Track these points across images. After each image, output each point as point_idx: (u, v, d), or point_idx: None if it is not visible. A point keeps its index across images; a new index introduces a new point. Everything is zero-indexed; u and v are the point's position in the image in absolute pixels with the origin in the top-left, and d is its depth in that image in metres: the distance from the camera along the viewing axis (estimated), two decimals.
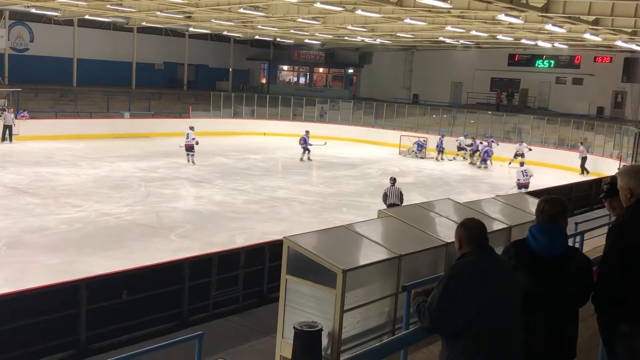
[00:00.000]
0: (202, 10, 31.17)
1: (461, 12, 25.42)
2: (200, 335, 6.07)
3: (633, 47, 33.32)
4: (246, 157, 29.61)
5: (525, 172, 23.30)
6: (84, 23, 40.71)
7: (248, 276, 11.36)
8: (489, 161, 31.31)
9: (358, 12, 26.13)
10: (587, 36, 27.81)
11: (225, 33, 44.53)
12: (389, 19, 29.01)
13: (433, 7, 23.98)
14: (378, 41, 43.70)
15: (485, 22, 27.60)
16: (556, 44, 37.58)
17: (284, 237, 8.18)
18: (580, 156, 30.48)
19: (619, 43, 30.36)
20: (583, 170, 30.14)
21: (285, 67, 56.18)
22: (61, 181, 21.50)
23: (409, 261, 8.44)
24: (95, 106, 37.20)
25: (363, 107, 42.27)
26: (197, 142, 26.64)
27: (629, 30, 25.64)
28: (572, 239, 8.84)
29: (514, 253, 3.83)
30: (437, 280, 3.53)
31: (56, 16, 37.28)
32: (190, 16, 34.63)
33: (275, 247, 10.38)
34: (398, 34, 36.46)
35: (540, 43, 36.38)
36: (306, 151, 30.07)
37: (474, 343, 3.34)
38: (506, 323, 3.41)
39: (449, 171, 29.30)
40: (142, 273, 10.29)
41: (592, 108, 43.14)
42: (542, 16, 22.78)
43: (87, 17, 36.75)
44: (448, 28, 30.24)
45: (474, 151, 32.17)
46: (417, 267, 8.60)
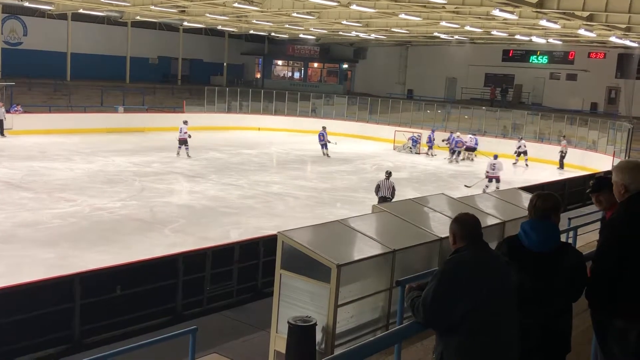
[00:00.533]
0: (197, 4, 31.10)
1: (456, 8, 25.44)
2: (194, 330, 6.07)
3: (627, 43, 33.38)
4: (240, 152, 29.55)
5: (494, 165, 22.86)
6: (78, 17, 40.55)
7: (242, 271, 11.36)
8: (462, 152, 31.15)
9: (353, 7, 26.10)
10: (581, 32, 27.86)
11: (219, 27, 44.41)
12: (384, 14, 28.98)
13: (428, 3, 24.01)
14: (373, 36, 43.70)
15: (479, 18, 27.61)
16: (550, 40, 37.65)
17: (279, 232, 8.19)
18: (560, 151, 30.48)
19: (613, 39, 30.41)
20: (561, 165, 30.16)
21: (279, 62, 56.12)
22: (55, 176, 21.41)
23: (403, 256, 8.46)
24: (89, 100, 37.03)
25: (357, 103, 42.21)
26: (190, 136, 26.90)
27: (623, 26, 25.69)
28: (566, 235, 8.88)
29: (507, 249, 3.84)
30: (431, 275, 3.53)
31: (50, 10, 37.17)
32: (184, 10, 34.51)
33: (269, 242, 10.40)
34: (393, 29, 36.46)
35: (534, 39, 36.41)
36: (325, 147, 30.25)
37: (468, 338, 3.34)
38: (500, 318, 3.41)
39: (443, 167, 29.31)
40: (136, 268, 10.28)
41: (586, 104, 43.26)
42: (537, 12, 22.79)
43: (81, 11, 36.58)
44: (442, 23, 30.25)
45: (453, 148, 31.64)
46: (411, 262, 8.62)
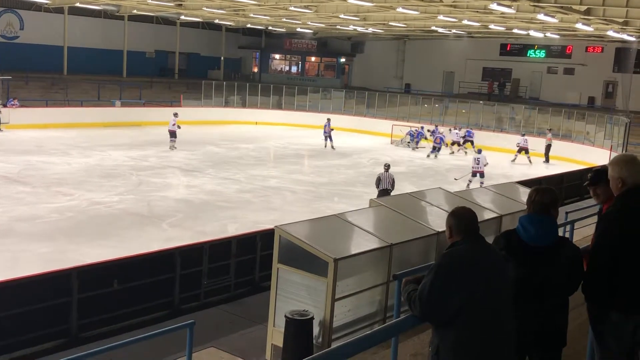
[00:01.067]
0: None
1: (453, 2, 25.40)
2: (191, 324, 6.06)
3: (624, 37, 33.36)
4: (238, 147, 29.52)
5: (478, 160, 22.58)
6: (75, 11, 40.44)
7: (239, 265, 11.37)
8: (450, 147, 31.20)
9: (350, 1, 26.07)
10: (579, 26, 27.80)
11: (216, 21, 44.31)
12: (381, 8, 28.93)
13: None
14: (370, 30, 43.59)
15: (477, 12, 27.55)
16: (548, 34, 37.59)
17: (276, 226, 8.19)
18: (546, 143, 30.44)
19: (611, 33, 30.38)
20: (547, 158, 30.14)
21: (277, 56, 55.98)
22: (52, 170, 21.38)
23: (400, 250, 8.48)
24: (86, 94, 36.97)
25: (355, 97, 42.11)
26: (179, 127, 27.17)
27: (621, 20, 25.67)
28: (563, 229, 8.88)
29: (504, 243, 3.85)
30: (428, 268, 3.54)
31: (46, 4, 37.03)
32: (181, 4, 34.42)
33: (266, 236, 10.40)
34: (390, 23, 36.37)
35: (532, 33, 36.39)
36: (329, 139, 30.30)
37: (465, 331, 3.35)
38: (497, 311, 3.42)
39: (441, 161, 29.31)
40: (134, 262, 10.29)
41: (584, 98, 43.27)
42: (534, 6, 22.77)
43: (78, 5, 36.48)
44: (440, 17, 30.18)
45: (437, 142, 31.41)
46: (408, 256, 8.63)
